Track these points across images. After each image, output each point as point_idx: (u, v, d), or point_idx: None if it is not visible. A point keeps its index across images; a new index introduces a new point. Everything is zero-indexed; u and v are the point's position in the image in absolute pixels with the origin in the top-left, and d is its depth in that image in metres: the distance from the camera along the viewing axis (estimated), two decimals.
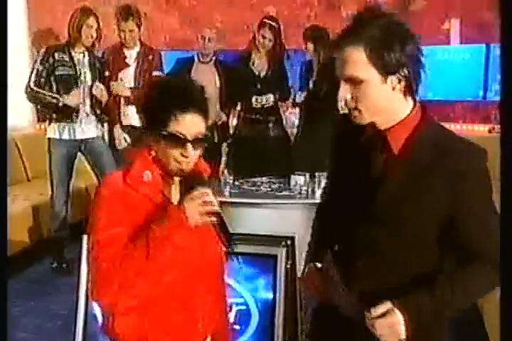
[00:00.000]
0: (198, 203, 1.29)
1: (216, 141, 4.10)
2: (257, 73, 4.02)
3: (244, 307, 2.25)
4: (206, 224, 1.32)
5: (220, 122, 4.10)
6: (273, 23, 3.90)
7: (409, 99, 1.27)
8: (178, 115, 1.31)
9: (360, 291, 1.30)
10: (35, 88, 3.51)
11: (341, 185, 1.37)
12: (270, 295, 2.21)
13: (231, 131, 4.29)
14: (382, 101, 1.23)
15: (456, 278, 1.28)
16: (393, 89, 1.22)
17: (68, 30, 3.55)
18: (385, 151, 1.27)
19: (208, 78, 4.02)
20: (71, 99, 3.51)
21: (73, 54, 3.58)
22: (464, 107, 5.10)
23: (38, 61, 3.53)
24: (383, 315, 1.22)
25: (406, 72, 1.20)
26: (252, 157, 3.97)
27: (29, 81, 3.52)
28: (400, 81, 1.21)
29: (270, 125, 4.06)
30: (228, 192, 3.69)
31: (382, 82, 1.20)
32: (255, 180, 3.77)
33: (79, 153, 3.72)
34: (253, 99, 3.94)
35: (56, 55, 3.52)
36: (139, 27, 3.79)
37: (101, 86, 3.59)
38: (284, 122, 4.26)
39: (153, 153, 1.37)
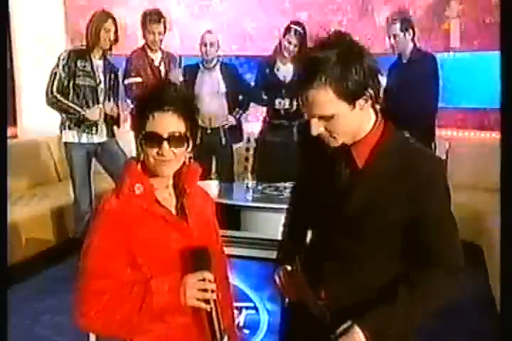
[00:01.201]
0: (198, 290, 1.32)
1: (224, 142, 4.18)
2: (281, 78, 4.03)
3: (253, 311, 2.24)
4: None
5: (227, 126, 4.16)
6: (299, 29, 3.90)
7: (373, 112, 1.30)
8: (152, 115, 1.34)
9: (328, 297, 1.33)
10: (58, 95, 3.57)
11: (308, 195, 1.40)
12: (280, 300, 2.19)
13: (244, 135, 4.34)
14: (354, 124, 1.27)
15: (417, 288, 1.29)
16: (361, 109, 1.25)
17: (86, 34, 3.62)
18: (349, 166, 1.30)
19: (213, 83, 4.13)
20: (91, 115, 3.58)
21: (93, 60, 3.64)
22: (499, 115, 4.95)
23: (60, 66, 3.58)
24: (345, 333, 1.23)
25: (371, 91, 1.22)
26: (276, 162, 3.97)
27: (52, 86, 3.58)
28: (366, 101, 1.23)
29: (294, 130, 4.06)
30: (251, 196, 3.72)
31: (351, 109, 1.23)
32: (278, 185, 3.76)
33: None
34: (276, 102, 3.96)
35: (78, 62, 3.57)
36: (165, 31, 3.92)
37: (111, 104, 3.64)
38: None
39: (141, 158, 1.39)
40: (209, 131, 4.16)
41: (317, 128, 1.25)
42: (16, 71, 5.28)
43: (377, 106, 1.30)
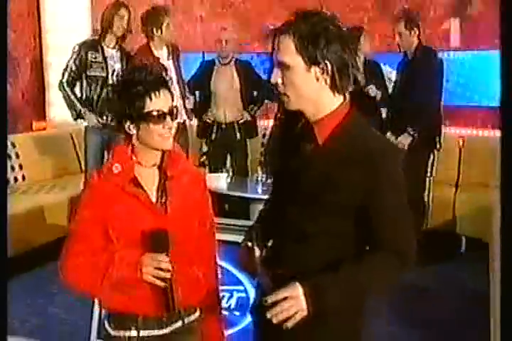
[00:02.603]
0: (153, 268, 1.44)
1: (239, 137, 4.30)
2: None
3: (244, 294, 2.34)
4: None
5: (242, 120, 4.28)
6: None
7: (338, 95, 1.37)
8: (152, 95, 1.45)
9: (284, 270, 1.40)
10: (67, 89, 3.78)
11: (277, 171, 1.49)
12: None
13: (259, 130, 4.43)
14: (307, 89, 1.35)
15: (361, 263, 1.35)
16: (317, 79, 1.33)
17: (101, 23, 3.78)
18: (311, 142, 1.37)
19: (228, 79, 4.26)
20: (89, 119, 3.77)
21: (105, 49, 3.78)
22: None
23: (72, 59, 3.76)
24: (285, 287, 1.30)
25: (329, 66, 1.31)
26: None
27: (63, 77, 3.79)
28: (322, 72, 1.32)
29: None
30: (261, 189, 3.84)
31: (306, 71, 1.33)
32: None
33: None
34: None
35: (89, 54, 3.74)
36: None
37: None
38: None
39: (134, 142, 1.50)
40: (224, 126, 4.29)
41: (276, 76, 1.36)
42: (45, 67, 5.52)
43: (344, 90, 1.38)
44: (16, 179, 4.34)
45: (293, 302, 1.29)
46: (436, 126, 3.73)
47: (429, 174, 3.80)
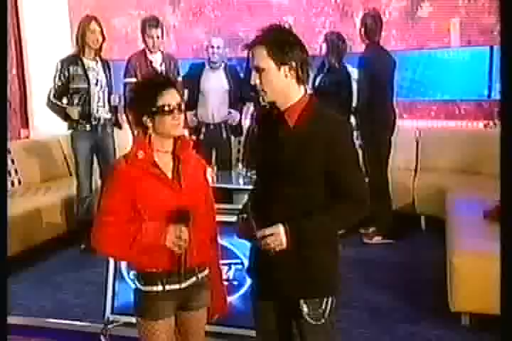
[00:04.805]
0: (175, 236, 1.80)
1: (225, 136, 4.70)
2: None
3: (240, 266, 2.73)
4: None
5: (229, 121, 4.66)
6: None
7: (302, 88, 1.79)
8: (162, 92, 1.84)
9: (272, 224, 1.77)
10: (54, 100, 4.00)
11: (259, 151, 1.91)
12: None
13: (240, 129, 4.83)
14: (279, 84, 1.75)
15: (330, 210, 1.77)
16: (286, 76, 1.74)
17: (76, 37, 4.03)
18: (283, 125, 1.78)
19: (217, 82, 4.60)
20: (71, 112, 3.99)
21: (85, 62, 4.02)
22: (470, 105, 5.40)
23: (57, 76, 3.99)
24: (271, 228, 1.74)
25: (294, 64, 1.73)
26: None
27: (49, 94, 4.01)
28: (290, 70, 1.74)
29: None
30: (242, 181, 4.24)
31: (277, 70, 1.73)
32: None
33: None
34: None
35: (71, 68, 3.97)
36: (162, 35, 4.37)
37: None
38: None
39: (150, 131, 1.87)
40: (212, 127, 4.65)
41: (254, 78, 1.75)
42: (27, 78, 5.78)
43: (306, 85, 1.80)
44: (12, 183, 4.62)
45: (276, 237, 1.71)
46: (391, 114, 4.21)
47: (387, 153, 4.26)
